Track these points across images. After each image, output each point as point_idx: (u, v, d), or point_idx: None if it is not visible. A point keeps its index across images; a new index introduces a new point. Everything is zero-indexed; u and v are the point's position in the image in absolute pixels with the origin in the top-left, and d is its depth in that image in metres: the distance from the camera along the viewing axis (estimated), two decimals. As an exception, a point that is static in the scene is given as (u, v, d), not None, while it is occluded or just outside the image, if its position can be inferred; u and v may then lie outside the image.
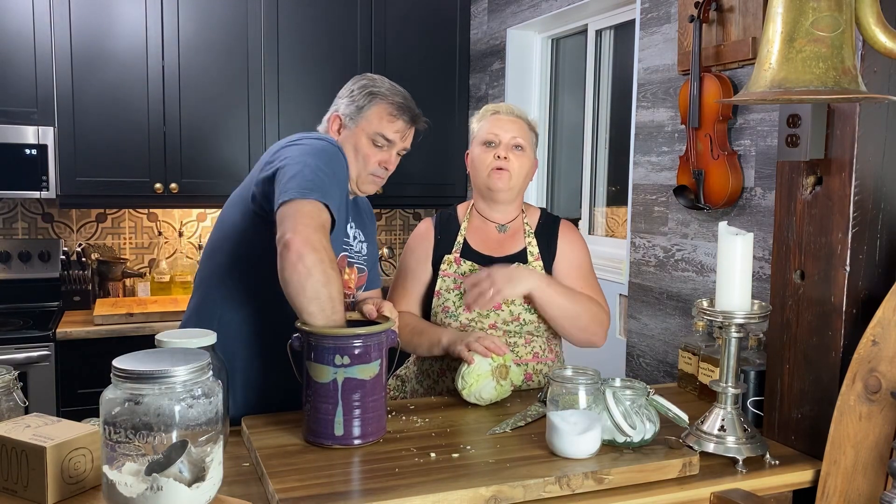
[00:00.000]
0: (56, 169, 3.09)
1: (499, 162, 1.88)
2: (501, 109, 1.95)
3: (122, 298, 3.45)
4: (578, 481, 1.35)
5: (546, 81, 3.50)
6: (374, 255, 1.98)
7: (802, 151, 1.52)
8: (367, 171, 1.81)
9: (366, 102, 1.79)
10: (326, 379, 1.45)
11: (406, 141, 1.85)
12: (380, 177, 1.84)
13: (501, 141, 1.90)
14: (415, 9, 3.63)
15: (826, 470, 1.45)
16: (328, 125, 1.85)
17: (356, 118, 1.80)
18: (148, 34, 3.18)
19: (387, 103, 1.80)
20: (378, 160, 1.80)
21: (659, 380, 2.46)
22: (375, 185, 1.85)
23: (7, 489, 1.21)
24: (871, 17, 1.09)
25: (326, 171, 1.61)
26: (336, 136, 1.82)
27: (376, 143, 1.79)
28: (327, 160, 1.64)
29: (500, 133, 1.90)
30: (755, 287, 1.80)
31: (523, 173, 1.92)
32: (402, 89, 1.85)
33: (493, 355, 1.73)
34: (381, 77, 1.87)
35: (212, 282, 1.79)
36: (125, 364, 1.11)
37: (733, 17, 2.11)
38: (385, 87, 1.82)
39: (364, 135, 1.79)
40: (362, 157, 1.79)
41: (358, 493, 1.28)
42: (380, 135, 1.78)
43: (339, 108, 1.84)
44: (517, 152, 1.90)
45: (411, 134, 1.86)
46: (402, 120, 1.80)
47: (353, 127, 1.80)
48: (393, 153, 1.83)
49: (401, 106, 1.80)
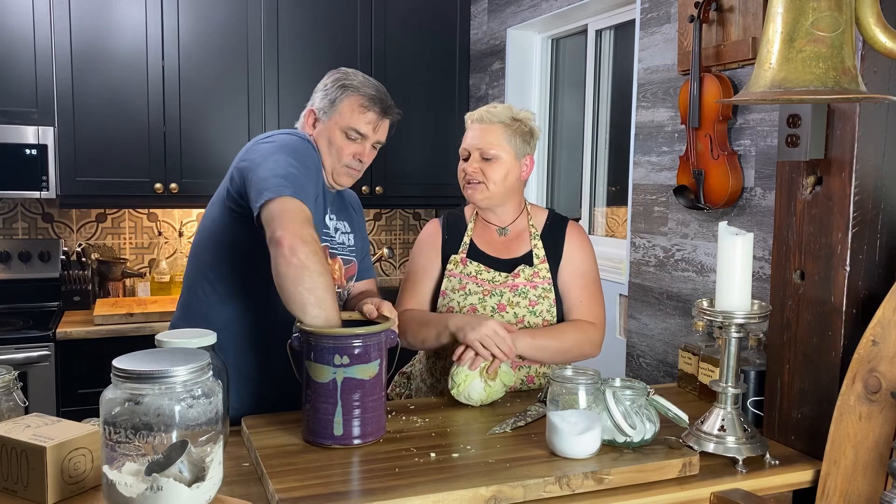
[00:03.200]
0: (56, 169, 3.09)
1: (469, 176, 1.90)
2: (477, 117, 1.92)
3: (122, 298, 3.45)
4: (578, 481, 1.35)
5: (546, 81, 3.50)
6: (363, 246, 1.99)
7: (802, 151, 1.52)
8: (342, 164, 1.82)
9: (338, 95, 1.81)
10: (326, 379, 1.45)
11: (380, 133, 1.85)
12: (355, 169, 1.85)
13: (471, 154, 1.90)
14: (415, 9, 3.63)
15: (826, 470, 1.45)
16: (304, 120, 1.87)
17: (329, 111, 1.82)
18: (148, 34, 3.18)
19: (358, 95, 1.81)
20: (351, 152, 1.81)
21: (659, 380, 2.46)
22: (351, 178, 1.87)
23: (7, 489, 1.21)
24: (871, 17, 1.09)
25: (298, 166, 1.64)
26: (311, 131, 1.84)
27: (349, 136, 1.81)
28: (297, 156, 1.67)
29: (470, 145, 1.90)
30: (755, 287, 1.80)
31: (499, 180, 1.89)
32: (375, 82, 1.87)
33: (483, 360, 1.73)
34: (356, 71, 1.88)
35: (197, 281, 1.81)
36: (125, 364, 1.11)
37: (733, 17, 2.11)
38: (357, 79, 1.84)
39: (337, 128, 1.81)
40: (336, 149, 1.81)
41: (358, 493, 1.28)
42: (352, 128, 1.80)
43: (314, 102, 1.86)
44: (487, 163, 1.88)
45: (385, 126, 1.87)
46: (373, 111, 1.81)
47: (327, 120, 1.82)
48: (367, 145, 1.84)
49: (372, 98, 1.81)
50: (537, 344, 1.83)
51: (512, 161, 1.90)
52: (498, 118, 1.90)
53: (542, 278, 1.91)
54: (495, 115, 1.90)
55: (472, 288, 1.91)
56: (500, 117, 1.90)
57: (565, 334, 1.88)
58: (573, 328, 1.90)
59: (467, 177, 1.90)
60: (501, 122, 1.90)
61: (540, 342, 1.84)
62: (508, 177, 1.90)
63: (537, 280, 1.91)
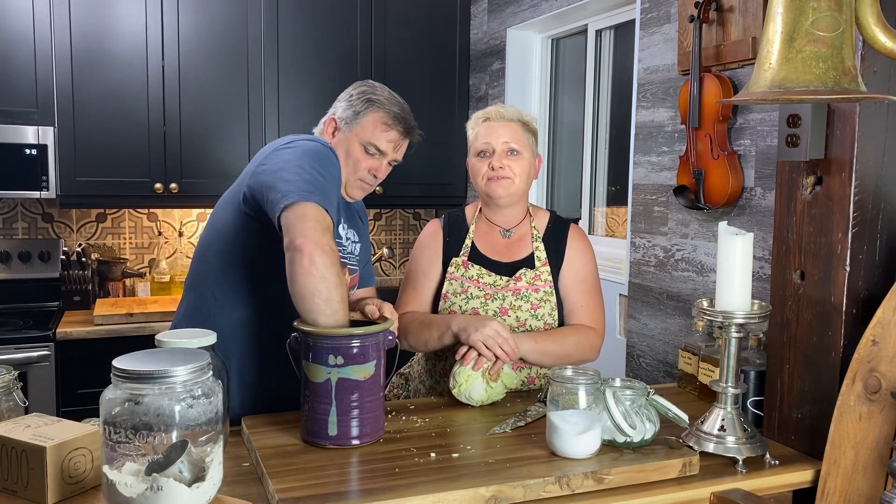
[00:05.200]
0: (56, 169, 3.09)
1: (495, 172, 1.88)
2: (491, 115, 1.92)
3: (122, 298, 3.45)
4: (578, 481, 1.35)
5: (546, 81, 3.50)
6: (366, 254, 1.99)
7: (802, 151, 1.52)
8: (356, 177, 1.81)
9: (362, 108, 1.80)
10: (321, 379, 1.45)
11: (398, 152, 1.85)
12: (368, 183, 1.84)
13: (495, 149, 1.88)
14: (414, 9, 3.63)
15: (826, 470, 1.45)
16: (324, 127, 1.86)
17: (351, 123, 1.80)
18: (148, 34, 3.18)
19: (383, 112, 1.80)
20: (367, 167, 1.81)
21: (659, 380, 2.46)
22: (363, 192, 1.86)
23: (7, 489, 1.21)
24: (871, 17, 1.09)
25: (323, 172, 1.61)
26: (330, 139, 1.82)
27: (368, 150, 1.79)
28: (321, 162, 1.65)
29: (493, 141, 1.88)
30: (755, 287, 1.80)
31: (524, 176, 1.90)
32: (400, 100, 1.85)
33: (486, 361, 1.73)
34: (383, 86, 1.86)
35: (204, 284, 1.78)
36: (125, 364, 1.11)
37: (733, 17, 2.11)
38: (384, 95, 1.82)
39: (357, 140, 1.79)
40: (353, 162, 1.80)
41: (358, 493, 1.28)
42: (372, 144, 1.79)
43: (337, 111, 1.84)
44: (513, 157, 1.88)
45: (404, 146, 1.86)
46: (395, 130, 1.80)
47: (348, 131, 1.80)
48: (384, 162, 1.83)
49: (396, 116, 1.80)
50: (539, 348, 1.83)
51: (531, 158, 1.93)
52: (515, 116, 1.92)
53: (543, 281, 1.91)
54: (511, 113, 1.92)
55: (473, 292, 1.90)
56: (516, 116, 1.92)
57: (567, 339, 1.88)
58: (574, 333, 1.90)
59: (494, 171, 1.88)
60: (519, 121, 1.92)
61: (542, 346, 1.83)
62: (530, 174, 1.93)
63: (539, 283, 1.91)
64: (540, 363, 1.88)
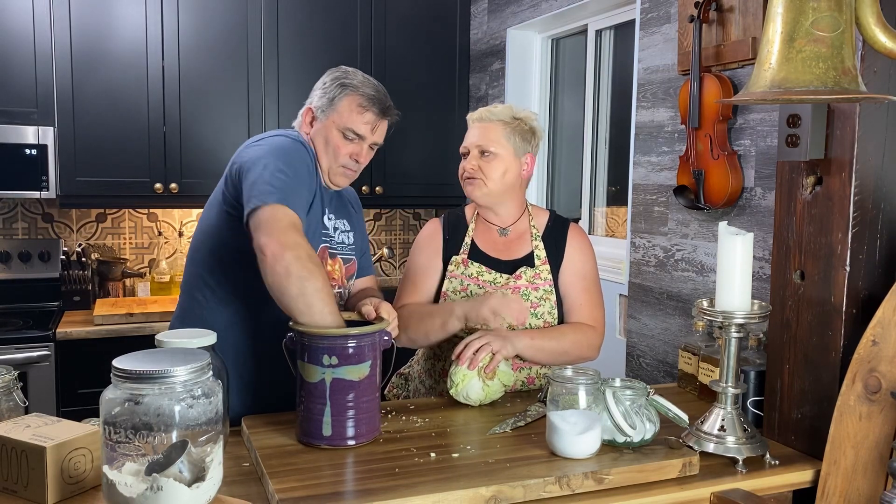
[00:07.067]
0: (56, 169, 3.09)
1: (467, 172, 1.91)
2: (475, 116, 1.95)
3: (122, 298, 3.45)
4: (578, 481, 1.35)
5: (546, 81, 3.49)
6: (362, 243, 1.98)
7: (802, 151, 1.52)
8: (338, 164, 1.81)
9: (336, 94, 1.79)
10: (315, 379, 1.45)
11: (377, 134, 1.83)
12: (351, 169, 1.83)
13: (469, 151, 1.92)
14: (415, 9, 3.63)
15: (826, 470, 1.45)
16: (302, 118, 1.86)
17: (327, 110, 1.80)
18: (148, 34, 3.18)
19: (357, 95, 1.79)
20: (348, 152, 1.80)
21: (659, 380, 2.46)
22: (347, 178, 1.85)
23: (7, 489, 1.21)
24: (871, 17, 1.09)
25: (287, 171, 1.63)
26: (308, 129, 1.83)
27: (346, 136, 1.79)
28: (287, 159, 1.66)
29: (470, 143, 1.92)
30: (755, 287, 1.80)
31: (498, 177, 1.90)
32: (375, 81, 1.85)
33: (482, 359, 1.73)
34: (355, 70, 1.86)
35: (195, 284, 1.80)
36: (125, 364, 1.11)
37: (733, 17, 2.11)
38: (357, 79, 1.82)
39: (335, 127, 1.79)
40: (332, 149, 1.79)
41: (358, 493, 1.28)
42: (349, 129, 1.78)
43: (313, 100, 1.84)
44: (485, 159, 1.89)
45: (383, 127, 1.84)
46: (371, 112, 1.79)
47: (325, 119, 1.80)
48: (364, 146, 1.82)
49: (371, 98, 1.79)
50: (536, 344, 1.83)
51: (511, 159, 1.90)
52: (497, 116, 1.91)
53: (543, 280, 1.91)
54: (495, 113, 1.92)
55: (473, 290, 1.90)
56: (500, 116, 1.91)
57: (564, 336, 1.88)
58: (572, 330, 1.90)
59: (466, 173, 1.92)
60: (500, 121, 1.91)
61: (539, 342, 1.84)
62: (507, 174, 1.91)
63: (539, 282, 1.91)
64: (537, 360, 1.88)
